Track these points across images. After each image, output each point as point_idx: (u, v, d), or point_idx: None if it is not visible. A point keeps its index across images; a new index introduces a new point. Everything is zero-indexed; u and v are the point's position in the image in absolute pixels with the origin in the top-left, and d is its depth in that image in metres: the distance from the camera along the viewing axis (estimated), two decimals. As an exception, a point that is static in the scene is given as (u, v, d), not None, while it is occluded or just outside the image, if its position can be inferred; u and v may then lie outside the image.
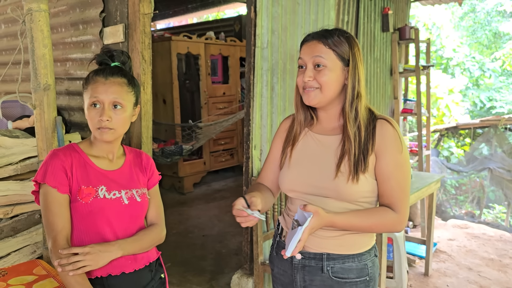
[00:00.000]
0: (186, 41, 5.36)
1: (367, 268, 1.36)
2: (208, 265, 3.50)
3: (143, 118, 2.13)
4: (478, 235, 4.60)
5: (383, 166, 1.30)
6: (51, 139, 1.96)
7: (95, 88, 1.37)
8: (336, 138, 1.35)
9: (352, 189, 1.28)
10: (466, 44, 11.94)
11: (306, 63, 1.32)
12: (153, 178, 1.59)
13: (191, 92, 5.91)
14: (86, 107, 1.39)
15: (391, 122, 1.32)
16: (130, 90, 1.43)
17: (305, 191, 1.36)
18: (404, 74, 4.77)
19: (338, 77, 1.31)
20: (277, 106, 2.93)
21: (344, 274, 1.33)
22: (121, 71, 1.44)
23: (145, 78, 2.09)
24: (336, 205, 1.31)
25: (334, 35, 1.31)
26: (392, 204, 1.30)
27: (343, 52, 1.30)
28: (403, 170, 1.31)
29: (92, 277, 1.39)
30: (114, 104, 1.38)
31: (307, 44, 1.34)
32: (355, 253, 1.34)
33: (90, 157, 1.44)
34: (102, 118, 1.36)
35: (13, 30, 2.99)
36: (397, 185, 1.30)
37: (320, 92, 1.30)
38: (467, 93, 10.65)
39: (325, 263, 1.34)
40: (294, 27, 3.02)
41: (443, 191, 7.76)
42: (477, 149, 6.93)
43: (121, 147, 1.55)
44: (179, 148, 4.79)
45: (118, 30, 2.15)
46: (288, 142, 1.45)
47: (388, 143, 1.29)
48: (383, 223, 1.29)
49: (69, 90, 2.55)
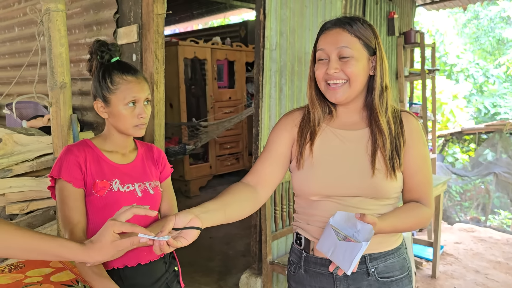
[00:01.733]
0: (193, 46, 5.42)
1: (406, 262, 1.31)
2: (216, 266, 3.52)
3: (156, 117, 2.16)
4: (485, 238, 4.60)
5: (411, 160, 1.23)
6: (67, 136, 2.00)
7: (130, 87, 1.41)
8: (362, 132, 1.25)
9: (390, 185, 1.21)
10: (470, 51, 11.99)
11: (329, 55, 1.19)
12: (165, 171, 1.62)
13: (198, 96, 5.96)
14: (121, 106, 1.41)
15: (414, 116, 1.29)
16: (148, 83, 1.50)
17: (340, 194, 1.23)
18: (410, 78, 4.80)
19: (364, 67, 1.20)
20: (285, 107, 2.97)
21: (390, 273, 1.26)
22: (135, 67, 1.49)
23: (158, 77, 2.14)
24: (369, 204, 1.23)
25: (357, 22, 1.19)
26: (422, 198, 1.25)
27: (369, 41, 1.20)
28: (428, 162, 1.27)
29: (109, 269, 1.41)
30: (147, 100, 1.45)
31: (328, 32, 1.21)
32: (394, 248, 1.28)
33: (103, 151, 1.47)
34: (142, 115, 1.42)
35: (27, 32, 3.05)
36: (425, 178, 1.25)
37: (349, 86, 1.19)
38: (471, 99, 10.66)
39: (369, 265, 1.24)
40: (302, 30, 3.06)
41: (448, 196, 7.75)
42: (482, 154, 6.94)
43: (133, 141, 1.58)
44: (182, 148, 4.87)
45: (132, 30, 2.20)
46: (304, 140, 1.28)
47: (415, 136, 1.25)
48: (420, 220, 1.23)
49: (82, 90, 2.60)
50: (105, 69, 1.45)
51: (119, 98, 1.41)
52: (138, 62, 2.20)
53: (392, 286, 1.26)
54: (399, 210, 1.24)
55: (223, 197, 1.19)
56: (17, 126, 2.49)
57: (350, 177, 1.22)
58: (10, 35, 3.31)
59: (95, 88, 1.47)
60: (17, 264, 1.69)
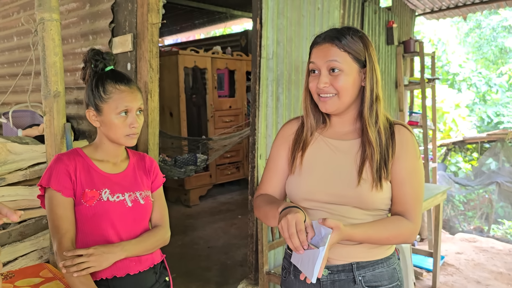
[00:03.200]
0: (193, 55, 5.44)
1: (396, 272, 1.30)
2: (213, 276, 3.49)
3: (150, 125, 2.16)
4: (487, 248, 4.55)
5: (398, 170, 1.23)
6: (60, 145, 2.00)
7: (123, 97, 1.41)
8: (353, 143, 1.27)
9: (375, 196, 1.21)
10: (472, 60, 11.98)
11: (319, 68, 1.23)
12: (157, 181, 1.61)
13: (198, 105, 5.97)
14: (113, 115, 1.41)
15: (408, 128, 1.28)
16: (141, 93, 1.50)
17: (324, 200, 1.26)
18: (409, 87, 4.80)
19: (355, 80, 1.22)
20: (282, 116, 2.97)
21: (377, 282, 1.25)
22: (129, 76, 1.49)
23: (152, 86, 2.14)
24: (357, 214, 1.24)
25: (347, 35, 1.21)
26: (406, 211, 1.23)
27: (359, 54, 1.21)
28: (418, 176, 1.25)
29: (97, 279, 1.40)
30: (139, 109, 1.45)
31: (318, 47, 1.24)
32: (383, 257, 1.28)
33: (93, 161, 1.47)
34: (134, 125, 1.42)
35: (25, 42, 3.07)
36: (412, 191, 1.23)
37: (338, 99, 1.22)
38: (474, 108, 10.63)
39: (356, 273, 1.25)
40: (299, 39, 3.07)
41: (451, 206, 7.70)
42: (485, 164, 6.89)
43: (125, 151, 1.58)
44: (193, 157, 4.58)
45: (126, 39, 2.21)
46: (297, 147, 1.33)
47: (406, 148, 1.24)
48: (399, 233, 1.22)
49: (78, 99, 2.61)
50: (98, 77, 1.45)
51: (111, 107, 1.41)
52: (133, 71, 2.20)
53: None
54: (377, 221, 1.23)
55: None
56: (13, 135, 2.49)
57: (335, 184, 1.24)
58: (9, 44, 3.33)
59: (87, 97, 1.47)
60: (7, 274, 1.68)
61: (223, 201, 5.76)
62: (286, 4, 2.90)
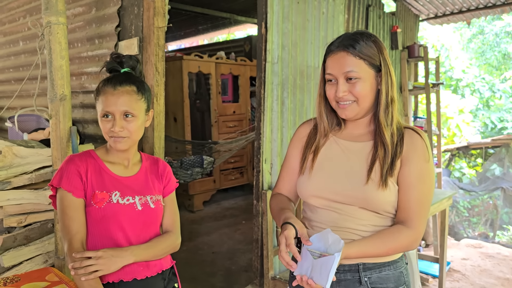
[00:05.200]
0: (197, 61, 5.45)
1: (403, 276, 1.30)
2: (218, 281, 3.47)
3: (156, 129, 2.16)
4: (493, 254, 4.51)
5: (406, 175, 1.23)
6: (66, 148, 1.99)
7: (105, 99, 1.37)
8: (366, 144, 1.29)
9: (380, 196, 1.22)
10: (475, 66, 11.97)
11: (336, 78, 1.24)
12: (170, 186, 1.59)
13: (202, 110, 5.97)
14: (99, 117, 1.41)
15: (419, 132, 1.27)
16: (140, 97, 1.42)
17: (331, 199, 1.28)
18: (414, 92, 4.79)
19: (372, 85, 1.24)
20: (287, 120, 2.96)
21: (383, 284, 1.26)
22: (129, 78, 1.43)
23: (158, 89, 2.14)
24: (364, 215, 1.26)
25: (360, 41, 1.22)
26: (408, 218, 1.22)
27: (374, 59, 1.23)
28: (426, 182, 1.24)
29: (104, 282, 1.39)
30: (125, 114, 1.38)
31: (333, 56, 1.25)
32: (390, 261, 1.28)
33: (105, 163, 1.46)
34: (114, 129, 1.37)
35: (31, 46, 3.08)
36: (417, 196, 1.22)
37: (357, 105, 1.24)
38: (478, 114, 10.59)
39: (362, 274, 1.26)
40: (304, 43, 3.07)
41: (455, 212, 7.65)
42: (489, 169, 6.86)
43: (138, 154, 1.56)
44: (199, 158, 4.52)
45: (133, 43, 2.21)
46: (309, 148, 1.38)
47: (414, 151, 1.24)
48: (399, 245, 1.22)
49: (83, 103, 2.61)
50: (104, 79, 1.45)
51: (98, 108, 1.41)
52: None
53: None
54: (375, 235, 1.23)
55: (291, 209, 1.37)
56: (18, 139, 2.49)
57: (342, 183, 1.27)
58: (15, 49, 3.34)
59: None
60: (13, 278, 1.67)
61: (227, 207, 5.75)
62: (291, 8, 2.91)
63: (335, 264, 1.07)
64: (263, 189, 2.80)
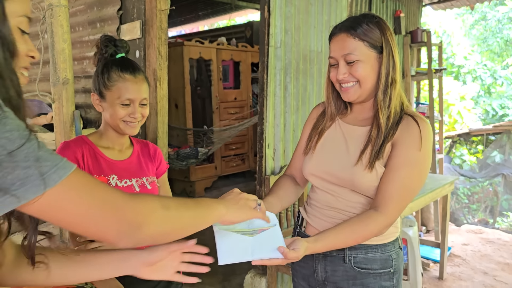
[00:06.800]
0: (198, 46, 5.41)
1: (391, 259, 1.30)
2: (220, 266, 3.47)
3: (159, 113, 2.15)
4: (493, 240, 4.54)
5: (391, 157, 1.22)
6: (69, 133, 1.99)
7: (125, 87, 1.38)
8: (364, 129, 1.30)
9: (366, 178, 1.22)
10: (477, 52, 11.89)
11: (337, 60, 1.25)
12: (161, 167, 1.62)
13: (203, 97, 5.95)
14: (113, 104, 1.40)
15: (418, 120, 1.23)
16: (148, 84, 1.48)
17: (325, 179, 1.33)
18: (416, 78, 4.76)
19: (373, 67, 1.23)
20: (290, 106, 2.94)
21: (368, 265, 1.28)
22: (136, 65, 1.46)
23: (161, 73, 2.12)
24: (356, 197, 1.28)
25: (362, 23, 1.21)
26: (383, 203, 1.19)
27: (375, 40, 1.21)
28: (412, 170, 1.20)
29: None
30: (143, 101, 1.43)
31: (335, 38, 1.26)
32: (379, 244, 1.29)
33: (99, 148, 1.47)
34: (135, 116, 1.40)
35: (32, 31, 3.04)
36: (398, 182, 1.19)
37: (359, 87, 1.24)
38: (479, 101, 10.56)
39: (347, 253, 1.29)
40: (307, 27, 3.04)
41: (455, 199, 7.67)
42: (490, 156, 6.86)
43: (128, 138, 1.57)
44: (194, 151, 4.70)
45: (135, 26, 2.19)
46: (315, 130, 1.42)
47: (407, 137, 1.21)
48: (368, 232, 1.20)
49: (85, 88, 2.59)
50: (105, 64, 1.44)
51: (114, 95, 1.40)
52: (141, 58, 2.18)
53: (369, 278, 1.29)
54: (343, 224, 1.21)
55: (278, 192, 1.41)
56: (20, 124, 2.49)
57: (335, 164, 1.31)
58: (15, 34, 3.31)
59: (93, 81, 1.47)
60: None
61: (228, 193, 5.75)
62: (294, -8, 2.87)
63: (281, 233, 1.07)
64: (266, 175, 2.80)
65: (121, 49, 1.50)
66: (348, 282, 1.30)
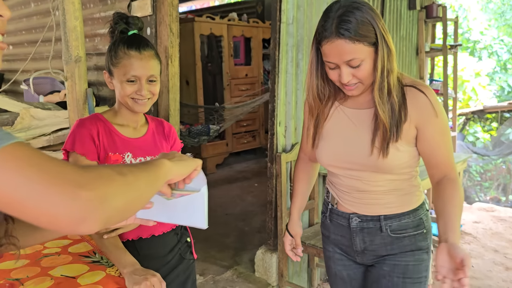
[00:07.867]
0: (209, 22, 5.36)
1: (422, 222, 1.38)
2: (231, 242, 3.55)
3: (171, 91, 2.15)
4: (505, 218, 4.52)
5: (429, 138, 1.26)
6: (82, 110, 2.00)
7: (130, 64, 1.36)
8: (369, 112, 1.30)
9: (388, 162, 1.26)
10: (494, 27, 11.57)
11: (338, 65, 1.21)
12: (176, 146, 1.61)
13: (214, 74, 5.93)
14: (120, 81, 1.39)
15: (421, 89, 1.25)
16: (158, 61, 1.44)
17: (346, 167, 1.36)
18: (431, 54, 4.67)
19: (373, 60, 1.21)
20: (302, 83, 2.92)
21: (403, 230, 1.36)
22: (147, 42, 1.44)
23: (172, 51, 2.11)
24: (379, 177, 1.32)
25: (352, 21, 1.14)
26: (448, 173, 1.28)
27: (371, 37, 1.17)
28: (447, 135, 1.28)
29: (124, 240, 1.43)
30: (151, 77, 1.39)
31: (330, 44, 1.18)
32: (410, 210, 1.36)
33: (114, 125, 1.46)
34: (142, 93, 1.37)
35: (43, 8, 3.05)
36: (446, 152, 1.28)
37: (363, 85, 1.25)
38: (495, 77, 10.35)
39: (383, 223, 1.36)
40: (320, 2, 2.98)
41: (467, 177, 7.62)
42: (504, 134, 6.77)
43: (143, 116, 1.57)
44: (206, 128, 4.75)
45: (146, 3, 2.17)
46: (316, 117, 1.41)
47: (424, 113, 1.24)
48: (461, 196, 1.25)
49: (97, 65, 2.60)
50: (115, 41, 1.42)
51: (120, 72, 1.38)
52: (153, 35, 2.17)
53: (405, 241, 1.37)
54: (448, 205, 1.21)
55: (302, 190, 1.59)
56: (34, 101, 2.51)
57: (352, 153, 1.33)
58: (27, 10, 3.31)
59: (105, 59, 1.46)
60: (36, 236, 1.73)
61: (240, 170, 5.80)
62: (307, -34, 2.81)
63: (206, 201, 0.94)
64: (277, 152, 2.81)
65: (132, 26, 1.47)
66: (386, 248, 1.38)
